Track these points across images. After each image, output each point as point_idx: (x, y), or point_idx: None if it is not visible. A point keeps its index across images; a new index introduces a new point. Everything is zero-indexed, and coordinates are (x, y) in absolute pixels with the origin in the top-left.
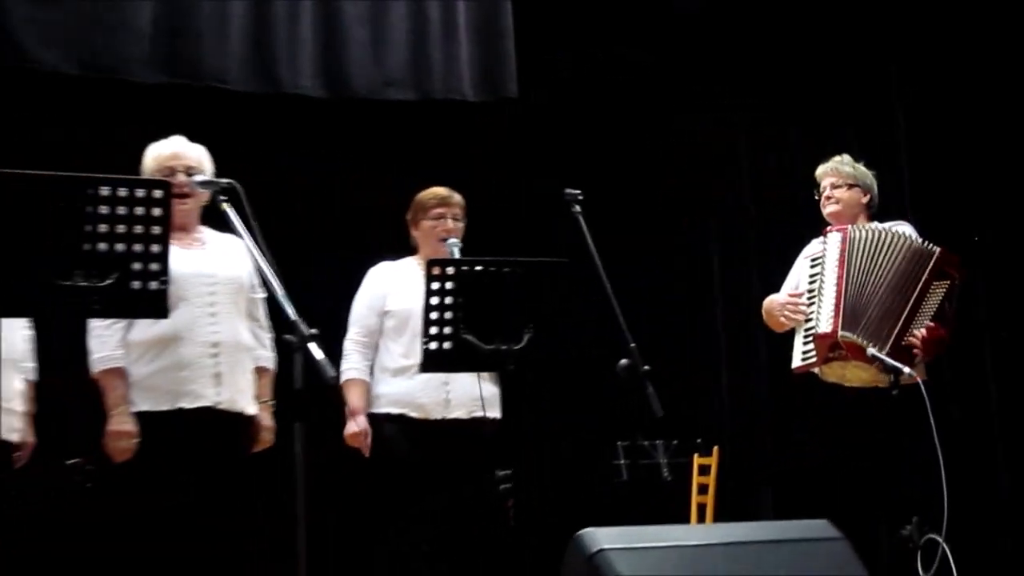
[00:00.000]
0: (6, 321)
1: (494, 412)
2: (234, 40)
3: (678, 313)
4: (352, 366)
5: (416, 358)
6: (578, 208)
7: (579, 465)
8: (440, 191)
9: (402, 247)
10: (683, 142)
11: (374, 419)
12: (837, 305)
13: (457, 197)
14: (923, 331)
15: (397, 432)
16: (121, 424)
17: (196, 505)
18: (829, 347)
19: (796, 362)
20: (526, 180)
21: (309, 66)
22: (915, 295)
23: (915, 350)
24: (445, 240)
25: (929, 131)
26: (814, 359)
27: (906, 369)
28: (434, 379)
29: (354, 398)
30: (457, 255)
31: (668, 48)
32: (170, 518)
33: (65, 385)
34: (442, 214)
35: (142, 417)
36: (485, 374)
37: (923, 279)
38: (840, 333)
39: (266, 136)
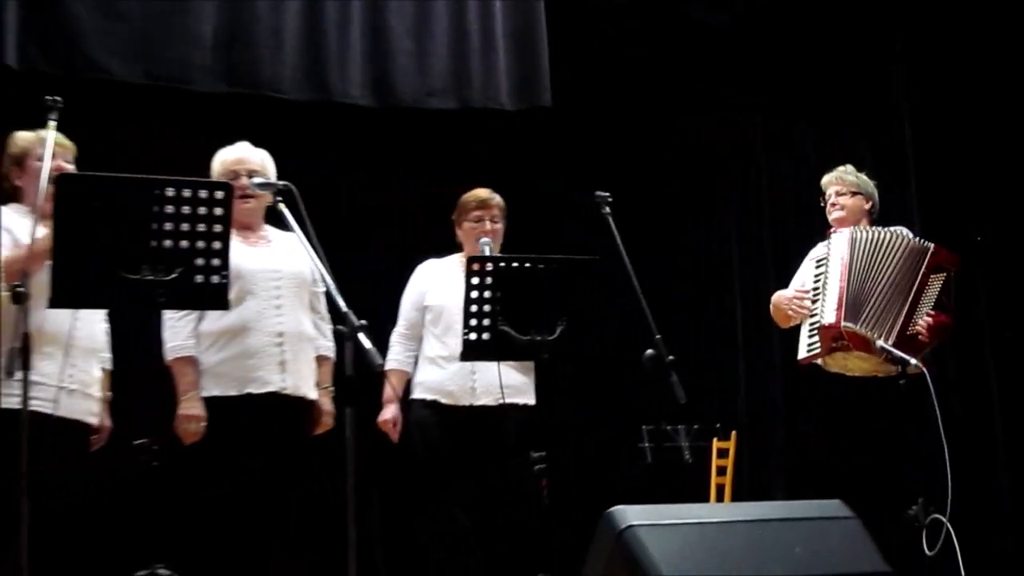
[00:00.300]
0: (85, 313)
1: (526, 399)
2: (288, 52)
3: (699, 308)
4: (394, 357)
5: (450, 349)
6: (608, 209)
7: (607, 448)
8: (481, 194)
9: (447, 245)
10: (701, 142)
11: (412, 405)
12: (840, 299)
13: (496, 199)
14: (928, 319)
15: (429, 417)
16: (191, 408)
17: (259, 485)
18: (832, 338)
19: (802, 353)
20: (556, 182)
21: (358, 76)
22: (915, 288)
23: (920, 336)
24: (479, 240)
25: (934, 130)
26: (819, 350)
27: (912, 360)
28: (463, 368)
29: (389, 387)
30: (488, 251)
31: (686, 53)
32: (232, 498)
33: (139, 374)
34: (480, 216)
35: (212, 402)
36: (515, 364)
37: (921, 273)
38: (843, 324)
39: (312, 141)
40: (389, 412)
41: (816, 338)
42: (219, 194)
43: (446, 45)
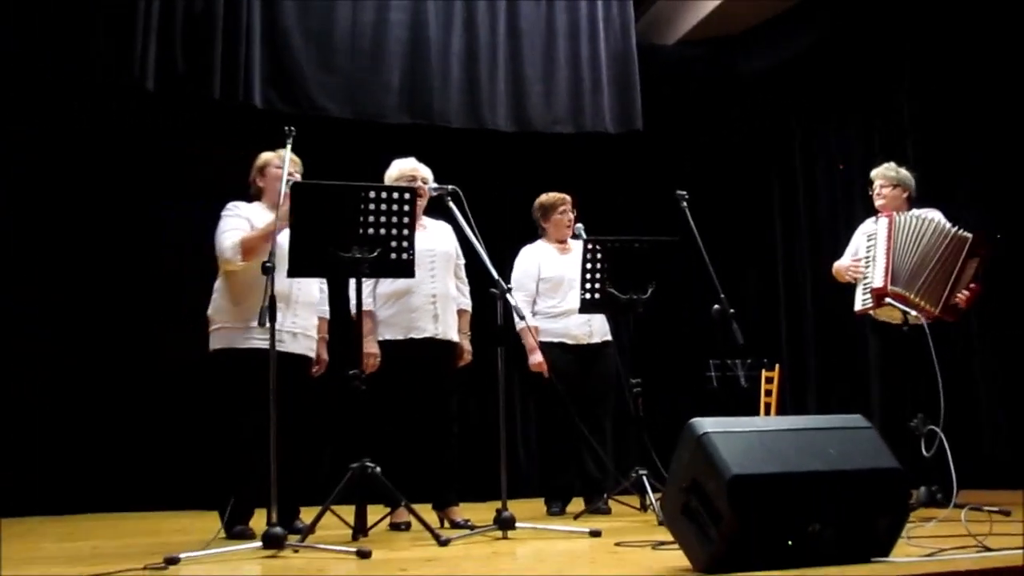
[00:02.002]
0: (304, 280)
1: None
2: (452, 93)
3: (750, 273)
4: (525, 317)
5: (567, 306)
6: (685, 204)
7: (685, 376)
8: (560, 195)
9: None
10: (749, 144)
11: (542, 347)
12: (887, 268)
13: (568, 198)
14: (966, 292)
15: (560, 354)
16: (371, 347)
17: (423, 402)
18: (880, 296)
19: (858, 306)
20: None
21: (503, 110)
22: (956, 270)
23: (960, 305)
24: (571, 227)
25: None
26: (871, 304)
27: (912, 312)
28: (581, 318)
29: (531, 340)
30: (583, 234)
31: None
32: (405, 411)
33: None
34: (564, 210)
35: (384, 344)
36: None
37: (961, 259)
38: (889, 287)
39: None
40: (539, 356)
41: (869, 296)
42: (407, 196)
43: (565, 85)
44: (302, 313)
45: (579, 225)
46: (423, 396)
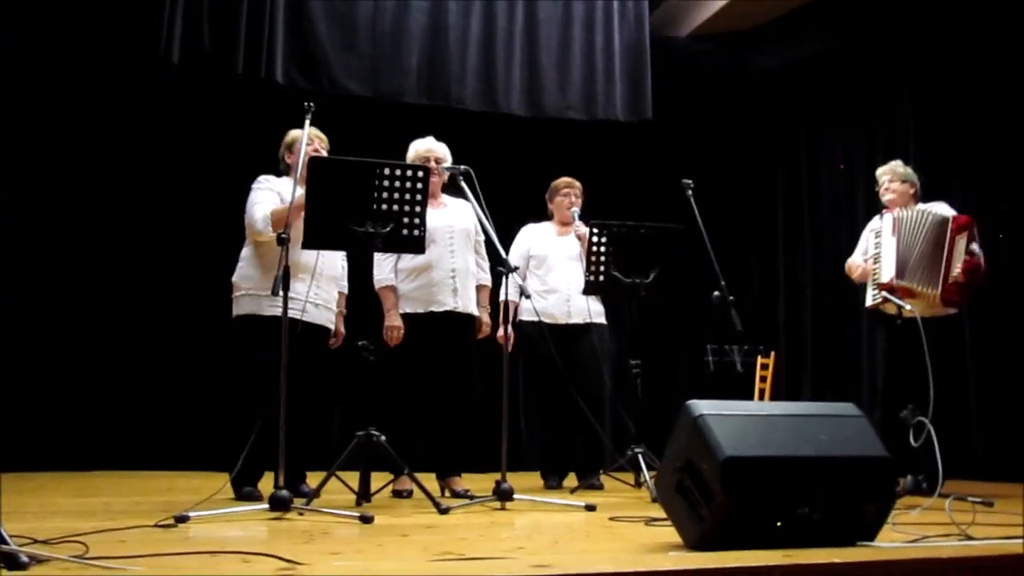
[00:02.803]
0: (329, 253)
1: (602, 319)
2: (469, 77)
3: (752, 262)
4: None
5: (548, 285)
6: (690, 192)
7: (683, 360)
8: (568, 179)
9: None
10: (760, 139)
11: (524, 324)
12: (894, 263)
13: (577, 183)
14: (960, 267)
15: (537, 332)
16: (393, 320)
17: (441, 372)
18: (889, 291)
19: (868, 302)
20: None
21: (518, 95)
22: (946, 250)
23: (959, 280)
24: (569, 210)
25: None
26: (880, 299)
27: (906, 305)
28: (560, 297)
29: (508, 313)
30: (577, 219)
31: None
32: (422, 380)
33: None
34: (567, 193)
35: (406, 317)
36: (593, 297)
37: (948, 238)
38: (895, 281)
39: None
40: (505, 331)
41: (877, 291)
42: (420, 174)
43: (579, 73)
44: (325, 286)
45: (574, 210)
46: (445, 367)
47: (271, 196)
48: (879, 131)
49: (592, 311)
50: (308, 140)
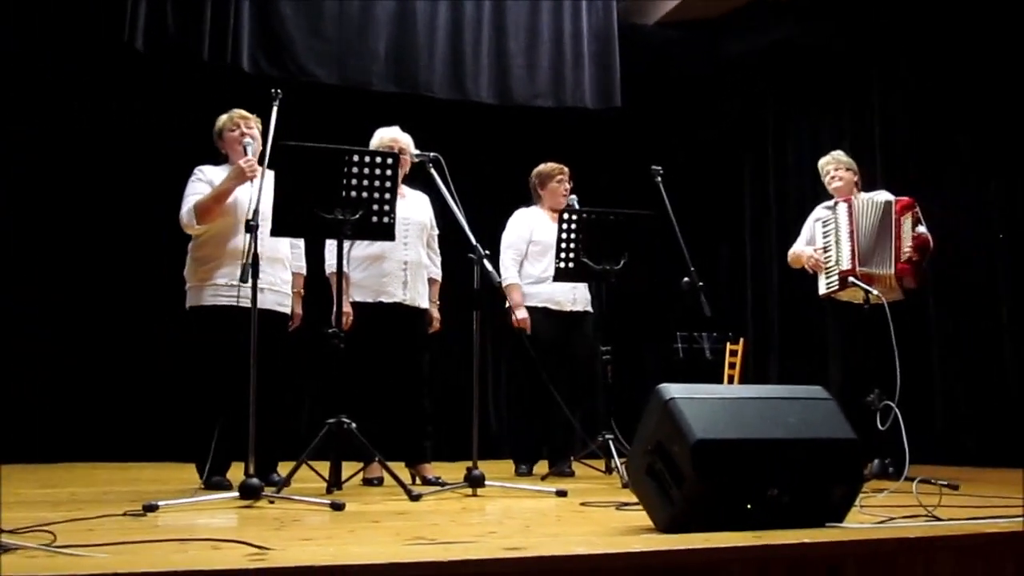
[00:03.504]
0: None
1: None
2: (437, 64)
3: (720, 248)
4: (512, 275)
5: (552, 271)
6: (659, 179)
7: (653, 345)
8: (558, 165)
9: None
10: (727, 126)
11: (526, 310)
12: (853, 250)
13: (566, 168)
14: (910, 244)
15: (542, 318)
16: (344, 307)
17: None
18: (846, 278)
19: (822, 290)
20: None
21: (486, 83)
22: (893, 230)
23: (912, 257)
24: (566, 196)
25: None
26: (836, 287)
27: (873, 291)
28: (566, 285)
29: (517, 296)
30: (575, 205)
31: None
32: (374, 369)
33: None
34: (561, 180)
35: (356, 305)
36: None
37: (893, 219)
38: (859, 268)
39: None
40: (523, 313)
41: (835, 279)
42: (390, 160)
43: (547, 60)
44: (267, 268)
45: (573, 196)
46: (394, 357)
47: (202, 188)
48: (846, 117)
49: (588, 300)
50: (234, 125)
